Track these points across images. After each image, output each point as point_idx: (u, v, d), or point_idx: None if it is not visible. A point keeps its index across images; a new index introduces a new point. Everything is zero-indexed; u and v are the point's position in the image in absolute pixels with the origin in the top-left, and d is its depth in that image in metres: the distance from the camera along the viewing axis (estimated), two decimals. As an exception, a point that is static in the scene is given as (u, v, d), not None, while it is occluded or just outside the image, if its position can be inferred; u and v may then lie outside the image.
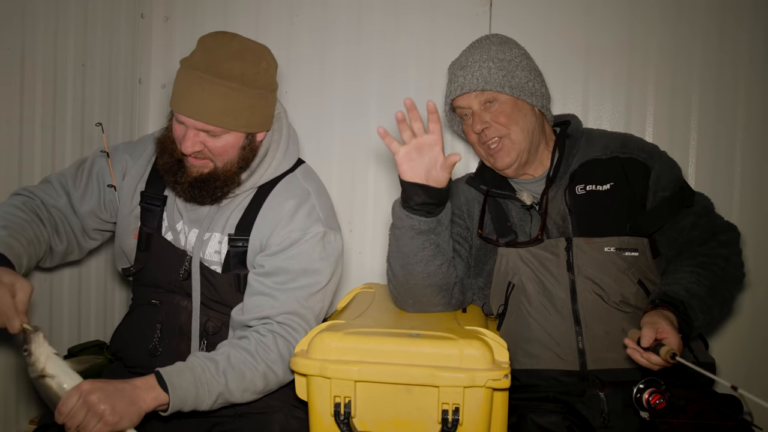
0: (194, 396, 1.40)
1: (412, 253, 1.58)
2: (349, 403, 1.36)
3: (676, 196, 1.67)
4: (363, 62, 2.48)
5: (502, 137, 1.69)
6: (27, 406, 1.97)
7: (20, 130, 1.89)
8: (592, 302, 1.63)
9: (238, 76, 1.51)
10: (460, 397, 1.32)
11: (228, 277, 1.63)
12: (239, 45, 1.55)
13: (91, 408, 1.26)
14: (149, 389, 1.36)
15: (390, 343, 1.39)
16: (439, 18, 2.41)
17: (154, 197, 1.69)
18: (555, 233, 1.69)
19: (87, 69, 2.19)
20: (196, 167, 1.58)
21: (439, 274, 1.62)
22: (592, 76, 2.31)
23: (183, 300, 1.64)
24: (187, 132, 1.53)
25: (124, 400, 1.30)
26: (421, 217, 1.53)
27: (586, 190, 1.70)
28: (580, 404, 1.54)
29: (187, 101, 1.50)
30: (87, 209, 1.70)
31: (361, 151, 2.49)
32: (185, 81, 1.52)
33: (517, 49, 1.74)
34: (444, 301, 1.69)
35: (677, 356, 1.32)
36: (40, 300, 2.00)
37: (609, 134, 1.81)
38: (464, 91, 1.69)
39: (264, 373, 1.50)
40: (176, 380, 1.38)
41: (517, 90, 1.67)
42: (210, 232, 1.65)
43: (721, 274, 1.57)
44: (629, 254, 1.65)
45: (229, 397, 1.46)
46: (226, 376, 1.44)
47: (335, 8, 2.49)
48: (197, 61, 1.52)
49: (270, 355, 1.51)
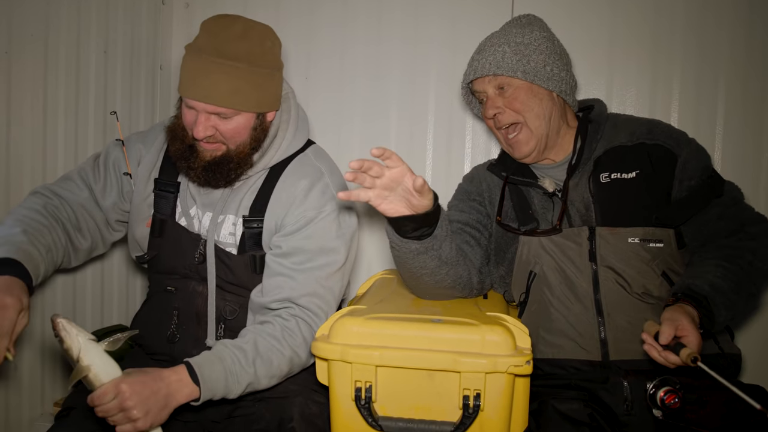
0: (224, 387, 1.42)
1: (416, 269, 1.55)
2: (370, 388, 1.36)
3: (704, 185, 1.62)
4: (383, 62, 2.47)
5: (517, 124, 1.66)
6: (52, 388, 2.01)
7: (44, 116, 1.92)
8: (614, 293, 1.60)
9: (245, 56, 1.50)
10: (481, 383, 1.31)
11: (244, 259, 1.63)
12: (243, 26, 1.54)
13: (125, 411, 1.28)
14: (182, 387, 1.37)
15: (411, 328, 1.39)
16: (460, 23, 2.40)
17: (168, 184, 1.69)
18: (578, 222, 1.66)
19: (109, 56, 2.20)
20: (209, 151, 1.57)
21: (449, 278, 1.60)
22: (616, 61, 2.28)
23: (198, 285, 1.65)
24: (198, 116, 1.52)
25: (158, 404, 1.32)
26: (416, 241, 1.48)
27: (610, 178, 1.66)
28: (602, 391, 1.53)
29: (197, 85, 1.49)
30: (110, 202, 1.70)
31: (382, 116, 2.49)
32: (192, 65, 1.51)
33: (540, 32, 1.68)
34: (462, 294, 1.68)
35: (699, 361, 1.27)
36: (63, 286, 2.03)
37: (636, 120, 1.76)
38: (477, 75, 1.67)
39: (290, 358, 1.51)
40: (207, 373, 1.39)
41: (531, 75, 1.63)
42: (224, 214, 1.65)
43: (748, 267, 1.53)
44: (654, 245, 1.61)
45: (256, 385, 1.48)
46: (255, 365, 1.46)
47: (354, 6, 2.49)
48: (202, 44, 1.52)
49: (295, 339, 1.52)
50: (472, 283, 1.68)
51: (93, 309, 2.18)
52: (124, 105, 2.30)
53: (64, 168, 2.00)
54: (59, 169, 1.98)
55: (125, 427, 1.30)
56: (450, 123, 2.45)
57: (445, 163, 2.45)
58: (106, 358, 1.33)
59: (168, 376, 1.36)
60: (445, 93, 2.43)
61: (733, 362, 1.59)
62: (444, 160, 2.46)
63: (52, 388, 2.01)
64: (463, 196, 1.86)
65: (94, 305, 2.18)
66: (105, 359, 1.33)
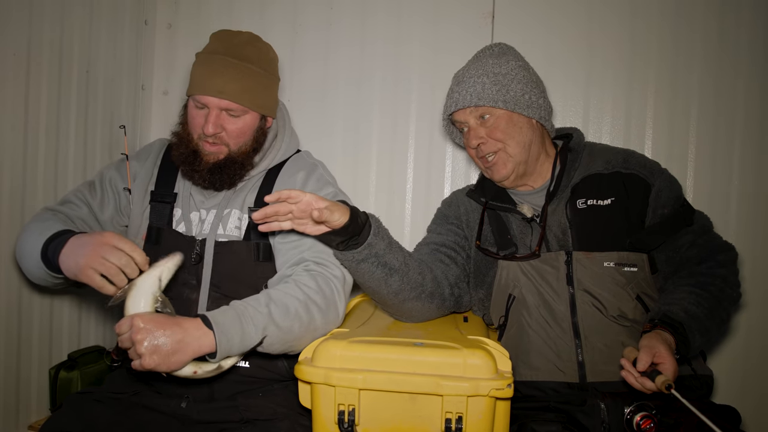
0: (240, 332, 1.40)
1: (369, 281, 1.58)
2: (353, 411, 1.37)
3: (676, 214, 1.68)
4: (366, 66, 2.50)
5: (498, 151, 1.71)
6: (26, 411, 1.97)
7: (24, 135, 1.90)
8: (591, 316, 1.64)
9: (255, 60, 1.65)
10: (463, 406, 1.33)
11: (248, 246, 1.67)
12: (250, 36, 1.71)
13: (135, 345, 1.31)
14: (198, 333, 1.36)
15: (394, 351, 1.40)
16: (441, 25, 2.44)
17: (164, 194, 1.75)
18: (555, 246, 1.70)
19: (91, 75, 2.20)
20: (212, 154, 1.66)
21: (407, 289, 1.61)
22: (593, 89, 2.34)
23: (192, 293, 1.66)
24: (210, 113, 1.62)
25: (169, 347, 1.32)
26: (351, 250, 1.52)
27: (587, 204, 1.71)
28: (580, 414, 1.55)
29: (212, 82, 1.59)
30: (107, 216, 1.75)
31: (363, 155, 2.51)
32: (206, 64, 1.63)
33: (515, 61, 1.73)
34: (433, 306, 1.69)
35: (672, 389, 1.34)
36: (40, 306, 2.00)
37: (611, 149, 1.82)
38: (459, 107, 1.71)
39: (305, 303, 1.50)
40: (220, 318, 1.39)
41: (512, 103, 1.67)
42: (229, 208, 1.71)
43: (719, 294, 1.59)
44: (628, 269, 1.66)
45: (276, 330, 1.45)
46: (269, 307, 1.45)
47: (338, 34, 2.52)
48: (215, 47, 1.66)
49: (309, 286, 1.53)
50: (442, 294, 1.69)
51: (70, 328, 2.15)
52: (105, 124, 2.30)
53: (44, 187, 1.99)
54: (39, 188, 1.97)
55: (135, 363, 1.32)
56: (429, 149, 2.48)
57: (425, 180, 2.49)
58: (146, 298, 1.38)
59: (184, 322, 1.37)
60: (427, 93, 2.46)
61: (705, 383, 1.65)
62: (424, 180, 2.49)
63: (26, 411, 1.97)
64: (441, 220, 1.90)
65: (71, 324, 2.15)
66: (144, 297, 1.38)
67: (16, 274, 1.89)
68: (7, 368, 1.87)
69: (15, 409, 1.92)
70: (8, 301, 1.87)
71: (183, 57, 2.62)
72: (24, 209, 1.91)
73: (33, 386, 1.99)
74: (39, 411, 2.00)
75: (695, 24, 2.25)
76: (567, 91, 2.35)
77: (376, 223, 1.54)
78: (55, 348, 2.08)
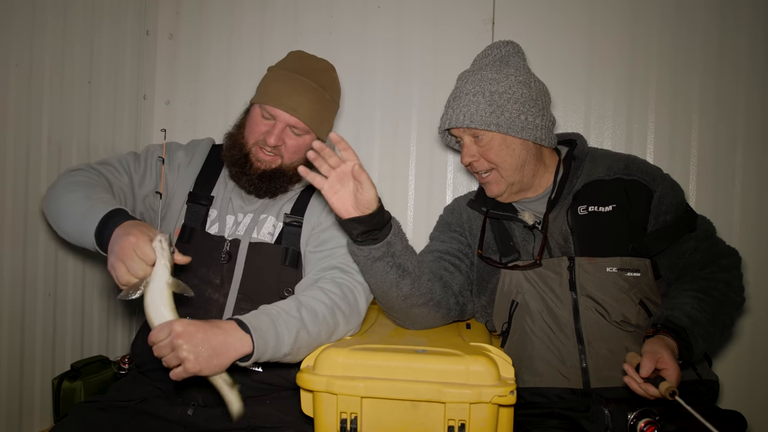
0: (274, 335, 1.40)
1: (381, 281, 1.57)
2: (356, 419, 1.36)
3: (679, 220, 1.68)
4: (367, 68, 2.51)
5: (491, 170, 1.71)
6: (29, 422, 1.97)
7: (27, 146, 1.91)
8: (594, 321, 1.64)
9: (329, 88, 1.75)
10: (466, 414, 1.32)
11: (277, 248, 1.71)
12: (327, 65, 1.80)
13: (175, 350, 1.29)
14: (236, 336, 1.35)
15: (396, 359, 1.40)
16: (442, 27, 2.45)
17: (202, 197, 1.79)
18: (557, 253, 1.70)
19: (93, 85, 2.21)
20: (265, 162, 1.71)
21: (416, 294, 1.61)
22: (594, 94, 2.35)
23: (214, 292, 1.67)
24: (276, 125, 1.69)
25: (210, 350, 1.31)
26: (370, 245, 1.52)
27: (588, 211, 1.70)
28: (584, 420, 1.54)
29: (288, 98, 1.67)
30: (144, 192, 1.77)
31: (365, 156, 2.51)
32: (282, 79, 1.70)
33: (516, 75, 1.68)
34: (439, 315, 1.69)
35: (677, 395, 1.33)
36: (43, 316, 2.00)
37: (613, 155, 1.81)
38: (452, 125, 1.70)
39: (332, 309, 1.53)
40: (255, 322, 1.39)
41: (505, 127, 1.65)
42: (266, 214, 1.76)
43: (722, 299, 1.58)
44: (631, 275, 1.65)
45: (306, 336, 1.46)
46: (300, 312, 1.47)
47: (338, 38, 2.52)
48: (292, 65, 1.74)
49: (335, 291, 1.57)
50: (448, 303, 1.69)
51: (73, 338, 2.15)
52: (107, 134, 2.30)
53: (46, 197, 1.99)
54: (41, 197, 1.97)
55: (177, 370, 1.30)
56: (431, 153, 2.48)
57: (427, 185, 2.49)
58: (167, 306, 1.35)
59: (222, 324, 1.36)
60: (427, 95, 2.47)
61: (710, 389, 1.63)
62: (426, 184, 2.49)
63: (29, 422, 1.96)
64: (444, 227, 1.89)
65: (74, 334, 2.15)
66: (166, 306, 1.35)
67: (20, 284, 1.89)
68: (10, 378, 1.87)
69: (18, 419, 1.91)
70: (11, 311, 1.87)
71: (184, 66, 2.63)
72: (26, 220, 1.91)
73: (36, 396, 1.98)
74: (42, 421, 2.00)
75: (696, 27, 2.26)
76: (568, 96, 2.36)
77: (397, 223, 1.56)
78: (58, 358, 2.08)
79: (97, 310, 2.28)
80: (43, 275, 1.99)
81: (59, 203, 1.57)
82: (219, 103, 2.61)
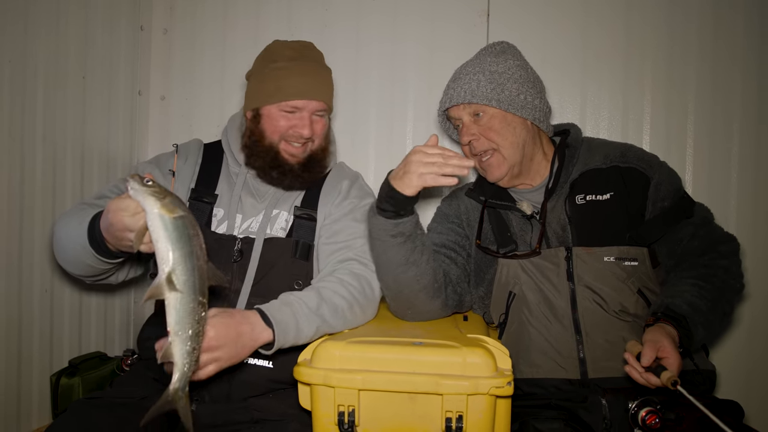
0: (294, 329, 1.46)
1: (396, 258, 1.57)
2: (353, 412, 1.36)
3: (676, 206, 1.67)
4: (362, 66, 2.50)
5: (491, 150, 1.70)
6: (27, 419, 1.97)
7: (21, 142, 1.90)
8: (592, 311, 1.64)
9: (320, 59, 1.79)
10: (463, 405, 1.32)
11: (288, 242, 1.72)
12: (309, 42, 1.82)
13: (210, 352, 1.32)
14: (261, 328, 1.42)
15: (393, 351, 1.40)
16: (437, 24, 2.44)
17: (205, 193, 1.77)
18: (555, 243, 1.70)
19: (87, 81, 2.20)
20: (296, 155, 1.74)
21: (429, 272, 1.61)
22: (589, 85, 2.34)
23: (224, 290, 1.66)
24: (303, 116, 1.71)
25: (241, 346, 1.38)
26: (395, 219, 1.53)
27: (586, 200, 1.70)
28: (581, 410, 1.55)
29: (308, 87, 1.70)
30: None
31: (361, 155, 2.51)
32: (292, 71, 1.70)
33: (513, 60, 1.72)
34: (439, 303, 1.68)
35: (678, 385, 1.32)
36: (41, 313, 2.00)
37: (609, 143, 1.81)
38: (452, 103, 1.70)
39: (351, 303, 1.58)
40: (278, 316, 1.45)
41: (506, 103, 1.66)
42: (278, 209, 1.77)
43: (721, 285, 1.57)
44: (629, 264, 1.65)
45: (325, 329, 1.53)
46: (320, 308, 1.52)
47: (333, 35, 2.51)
48: (292, 55, 1.73)
49: (353, 284, 1.61)
50: (448, 291, 1.69)
51: (71, 334, 2.15)
52: (102, 130, 2.30)
53: (42, 195, 1.99)
54: (37, 196, 1.97)
55: (209, 368, 1.33)
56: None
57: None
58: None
59: (250, 316, 1.42)
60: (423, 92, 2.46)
61: (708, 378, 1.64)
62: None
63: (27, 418, 1.97)
64: (442, 218, 1.89)
65: (71, 330, 2.16)
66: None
67: (17, 281, 1.89)
68: (8, 375, 1.87)
69: (16, 416, 1.92)
70: (8, 308, 1.87)
71: (179, 62, 2.62)
72: (22, 217, 1.91)
73: (34, 393, 1.99)
74: (40, 418, 2.00)
75: (690, 14, 2.25)
76: (563, 87, 2.35)
77: (417, 218, 1.59)
78: (56, 354, 2.08)
79: (94, 306, 2.28)
80: (40, 272, 1.99)
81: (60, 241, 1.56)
82: (215, 98, 2.60)
